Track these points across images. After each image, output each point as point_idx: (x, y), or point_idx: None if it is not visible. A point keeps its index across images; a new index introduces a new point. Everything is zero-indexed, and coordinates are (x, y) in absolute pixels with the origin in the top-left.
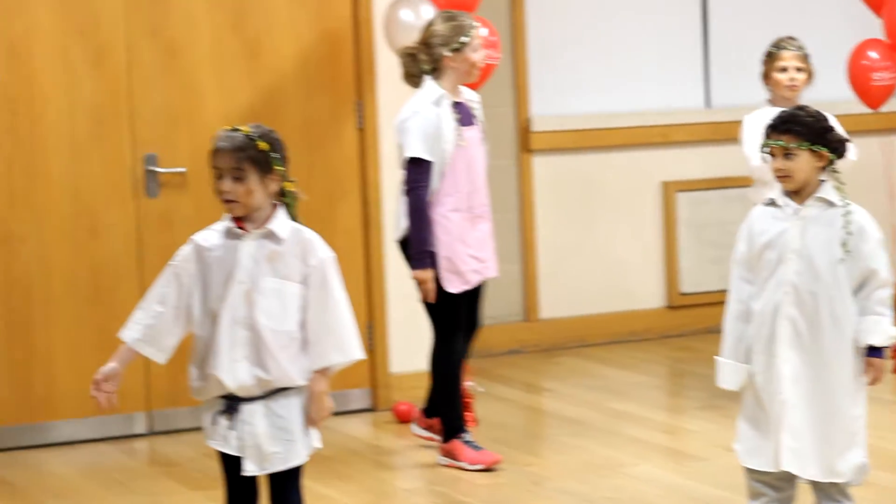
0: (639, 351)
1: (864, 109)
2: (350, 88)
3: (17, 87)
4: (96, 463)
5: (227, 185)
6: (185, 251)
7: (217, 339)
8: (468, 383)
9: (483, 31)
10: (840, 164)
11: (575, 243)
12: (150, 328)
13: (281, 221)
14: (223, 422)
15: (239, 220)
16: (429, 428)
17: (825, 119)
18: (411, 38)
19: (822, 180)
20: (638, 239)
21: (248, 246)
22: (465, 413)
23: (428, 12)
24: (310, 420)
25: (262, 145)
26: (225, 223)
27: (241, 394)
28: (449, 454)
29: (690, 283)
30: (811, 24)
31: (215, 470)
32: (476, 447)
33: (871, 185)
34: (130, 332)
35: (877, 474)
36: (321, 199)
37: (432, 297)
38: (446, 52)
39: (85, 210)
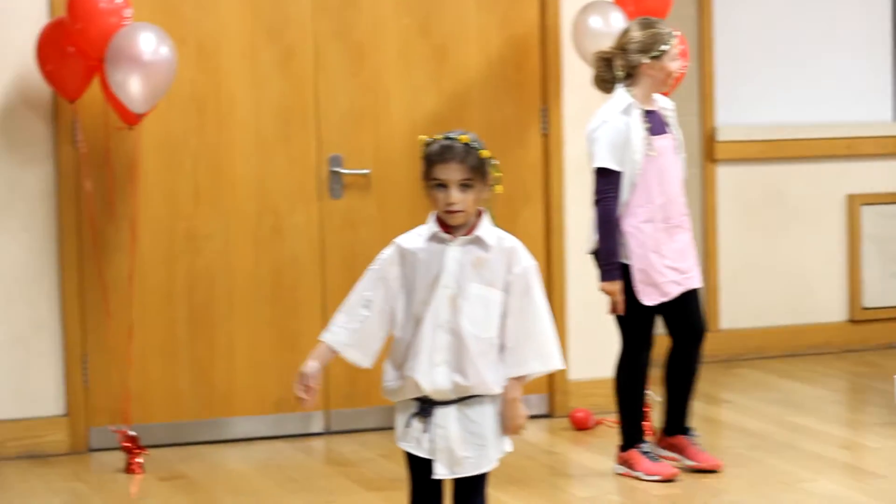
0: (819, 365)
1: None
2: (535, 94)
3: (205, 87)
4: (273, 460)
5: (456, 195)
6: (387, 254)
7: (418, 342)
8: (647, 392)
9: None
10: None
11: (757, 254)
12: (356, 332)
13: (487, 228)
14: (417, 424)
15: (445, 226)
16: (670, 447)
17: None
18: (599, 45)
19: None
20: (821, 251)
21: (455, 251)
22: (643, 423)
23: (618, 19)
24: (505, 428)
25: (484, 153)
26: (430, 228)
27: (436, 397)
28: (626, 463)
29: (873, 297)
30: None
31: (392, 471)
32: (654, 458)
33: None
34: (336, 336)
35: None
36: (504, 205)
37: (621, 309)
38: (644, 60)
39: (269, 209)
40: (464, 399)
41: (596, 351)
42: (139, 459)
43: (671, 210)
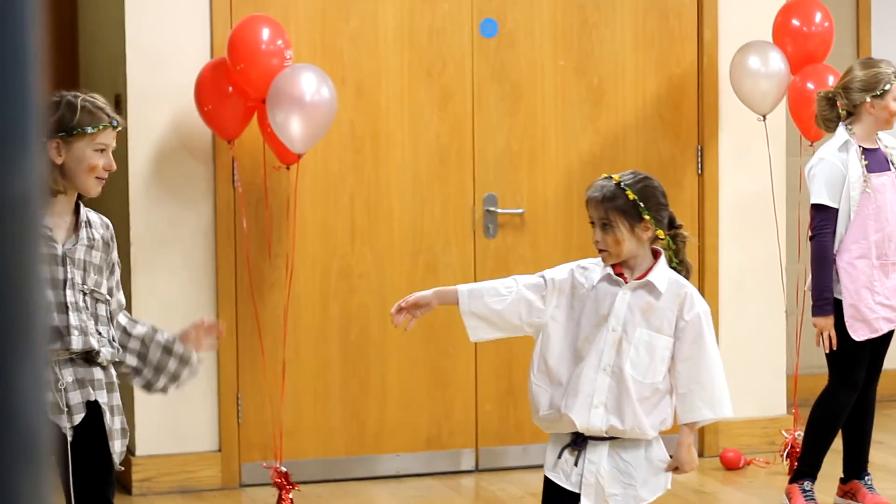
0: None
1: None
2: (692, 134)
3: (363, 126)
4: (423, 497)
5: (598, 234)
6: (560, 277)
7: (578, 381)
8: (797, 433)
9: None
10: None
11: None
12: (487, 306)
13: (660, 272)
14: (568, 457)
15: (618, 267)
16: (846, 495)
17: None
18: (757, 85)
19: None
20: None
21: (626, 294)
22: (821, 461)
23: (777, 60)
24: (677, 470)
25: (631, 195)
26: (604, 266)
27: (589, 434)
28: (788, 495)
29: None
30: None
31: None
32: (811, 498)
33: None
34: (470, 298)
35: None
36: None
37: (831, 345)
38: (867, 98)
39: (424, 248)
40: (618, 438)
41: (746, 391)
42: (290, 495)
43: (888, 248)
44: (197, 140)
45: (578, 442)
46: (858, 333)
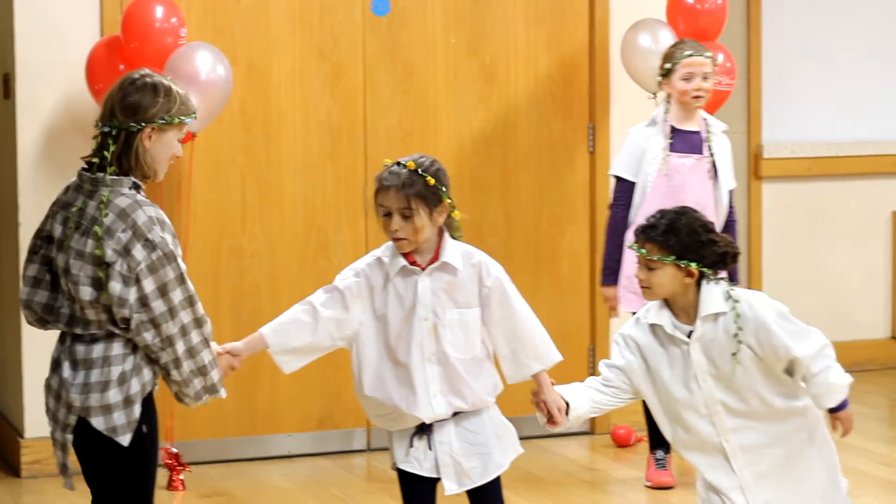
0: (861, 381)
1: None
2: (584, 112)
3: (254, 105)
4: (315, 477)
5: (397, 223)
6: (353, 282)
7: (409, 378)
8: None
9: (711, 58)
10: None
11: (800, 270)
12: (293, 339)
13: (451, 250)
14: (418, 443)
15: (409, 255)
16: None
17: None
18: (648, 64)
19: None
20: (864, 269)
21: (426, 281)
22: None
23: (667, 38)
24: (550, 420)
25: (431, 180)
26: (393, 257)
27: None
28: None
29: None
30: None
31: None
32: (662, 466)
33: None
34: (275, 337)
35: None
36: (550, 222)
37: (614, 314)
38: (658, 78)
39: (315, 228)
40: (460, 413)
41: None
42: (181, 476)
43: None
44: (88, 119)
45: (424, 428)
46: (629, 305)
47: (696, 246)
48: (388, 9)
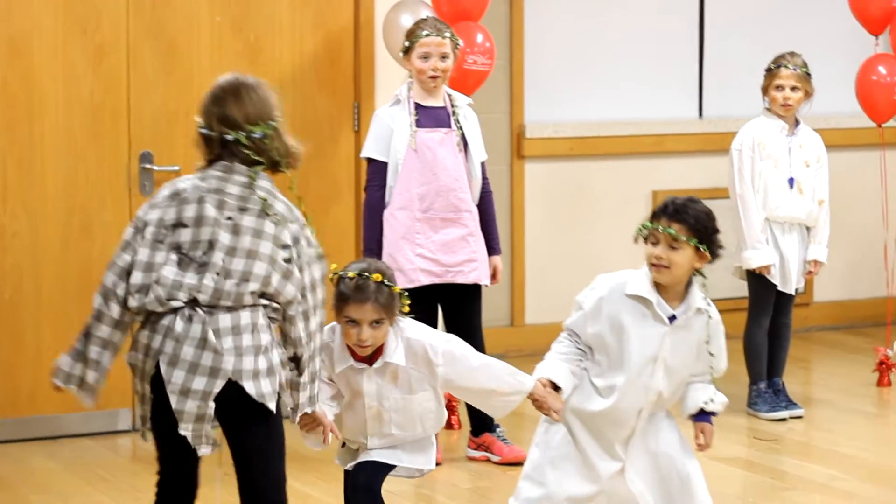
0: None
1: (867, 124)
2: (349, 91)
3: (16, 83)
4: (80, 458)
5: (367, 333)
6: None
7: (354, 430)
8: None
9: (451, 38)
10: None
11: (564, 250)
12: None
13: (394, 348)
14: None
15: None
16: (479, 447)
17: None
18: None
19: None
20: (628, 247)
21: (371, 377)
22: (451, 416)
23: None
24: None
25: (396, 289)
26: (342, 352)
27: None
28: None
29: None
30: (807, 38)
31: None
32: (503, 438)
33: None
34: None
35: (860, 486)
36: (317, 200)
37: None
38: (400, 54)
39: (79, 207)
40: None
41: None
42: None
43: (437, 203)
44: None
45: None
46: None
47: (712, 233)
48: None
